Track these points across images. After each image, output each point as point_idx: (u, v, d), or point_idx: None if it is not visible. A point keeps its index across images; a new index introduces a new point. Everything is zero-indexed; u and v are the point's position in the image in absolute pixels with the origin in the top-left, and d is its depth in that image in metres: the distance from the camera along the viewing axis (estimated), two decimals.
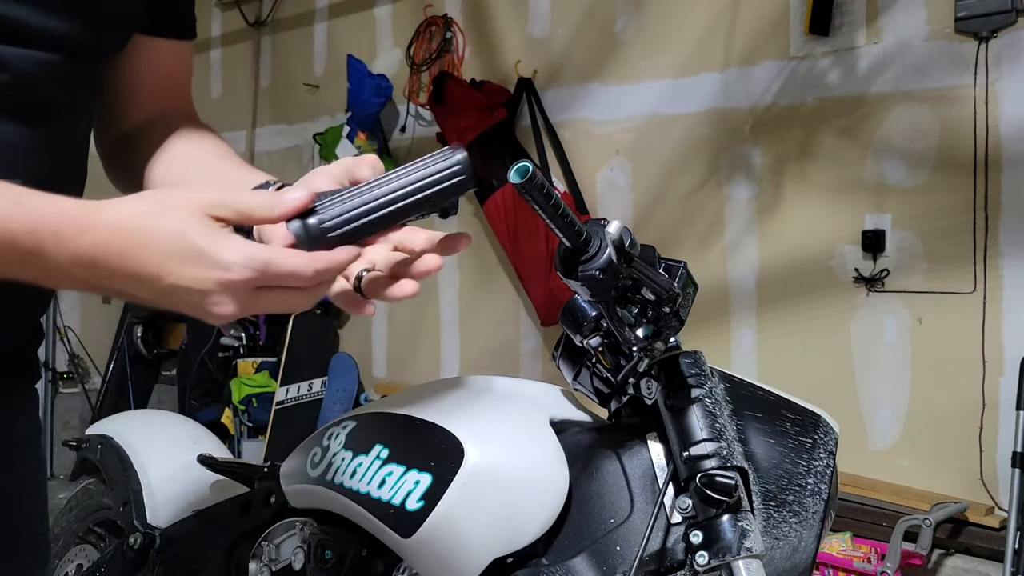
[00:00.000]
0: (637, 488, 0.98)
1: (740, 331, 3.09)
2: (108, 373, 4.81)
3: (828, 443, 1.04)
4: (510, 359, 3.71)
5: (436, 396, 1.11)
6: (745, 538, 0.90)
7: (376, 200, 0.70)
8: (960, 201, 2.62)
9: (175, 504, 1.57)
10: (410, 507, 0.99)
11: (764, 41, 3.03)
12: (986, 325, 2.58)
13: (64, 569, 1.76)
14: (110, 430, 1.77)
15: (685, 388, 0.96)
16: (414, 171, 0.71)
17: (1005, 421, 2.55)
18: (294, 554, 1.22)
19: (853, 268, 2.83)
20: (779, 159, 3.01)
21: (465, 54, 3.88)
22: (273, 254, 0.65)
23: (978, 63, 2.58)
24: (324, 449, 1.16)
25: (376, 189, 0.71)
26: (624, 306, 0.92)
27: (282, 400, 4.16)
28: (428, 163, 0.72)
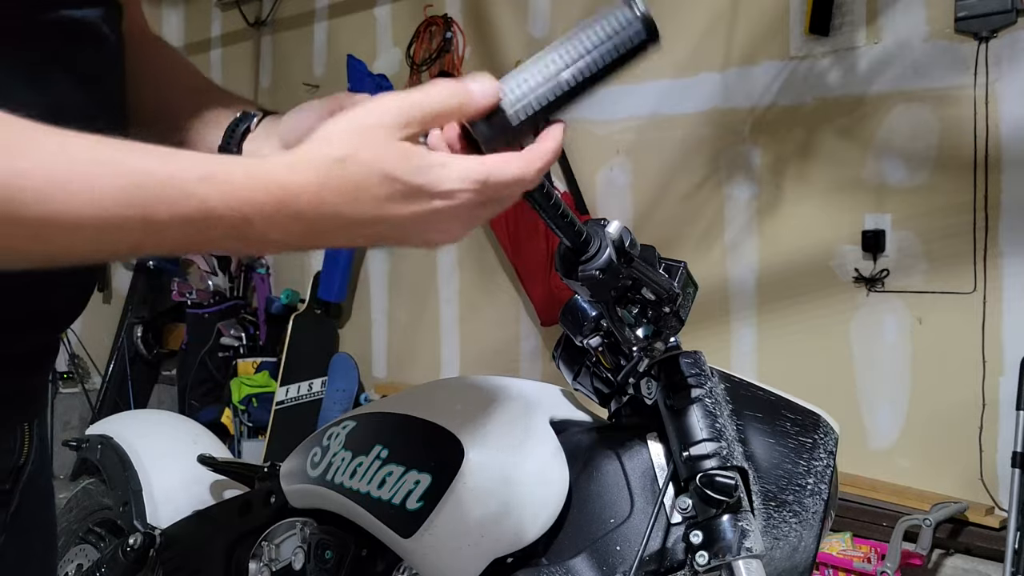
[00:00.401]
0: (637, 488, 0.98)
1: (740, 331, 3.09)
2: (108, 373, 4.82)
3: (828, 443, 1.04)
4: (510, 359, 3.71)
5: (436, 396, 1.11)
6: (745, 538, 0.90)
7: (558, 74, 0.65)
8: (960, 201, 2.62)
9: (175, 504, 1.57)
10: (410, 507, 0.99)
11: (764, 41, 3.03)
12: (986, 325, 2.58)
13: (64, 569, 1.76)
14: (110, 430, 1.77)
15: (685, 388, 0.96)
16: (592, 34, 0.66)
17: (1005, 421, 2.55)
18: (294, 554, 1.22)
19: (853, 268, 2.83)
20: (779, 159, 3.01)
21: (465, 54, 3.88)
22: (489, 168, 0.61)
23: (978, 63, 2.58)
24: (324, 449, 1.16)
25: (551, 62, 0.65)
26: (624, 306, 0.92)
27: (282, 400, 4.16)
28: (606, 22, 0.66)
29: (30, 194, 0.48)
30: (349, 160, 0.58)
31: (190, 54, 5.29)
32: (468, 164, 0.61)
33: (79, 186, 0.50)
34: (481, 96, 0.63)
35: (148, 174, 0.53)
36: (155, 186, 0.53)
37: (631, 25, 0.68)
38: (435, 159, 0.60)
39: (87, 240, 0.52)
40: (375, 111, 0.60)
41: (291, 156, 0.59)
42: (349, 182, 0.58)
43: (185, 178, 0.54)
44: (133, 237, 0.53)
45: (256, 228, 0.57)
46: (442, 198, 0.60)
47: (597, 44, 0.66)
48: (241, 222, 0.56)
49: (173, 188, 0.53)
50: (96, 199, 0.51)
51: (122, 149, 0.53)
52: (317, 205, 0.58)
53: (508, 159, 0.62)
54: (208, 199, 0.54)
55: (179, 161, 0.55)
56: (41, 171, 0.49)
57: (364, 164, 0.58)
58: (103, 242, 0.53)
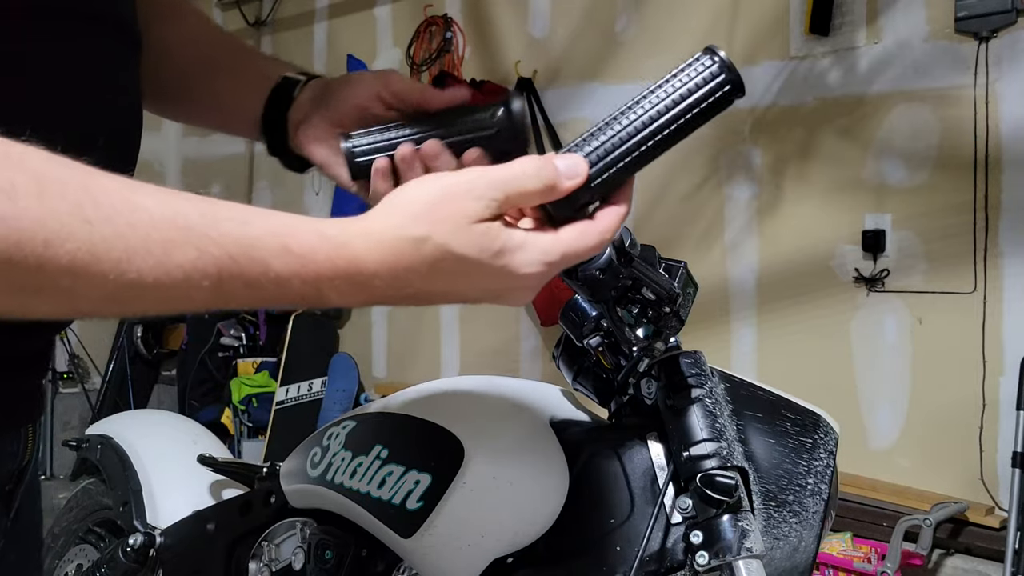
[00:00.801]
0: (637, 488, 0.98)
1: (740, 331, 3.09)
2: (108, 373, 4.81)
3: (828, 443, 1.04)
4: (510, 359, 3.71)
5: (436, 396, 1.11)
6: (745, 538, 0.90)
7: (637, 140, 0.64)
8: (960, 201, 2.62)
9: (175, 504, 1.57)
10: (410, 507, 0.99)
11: (764, 41, 3.03)
12: (986, 325, 2.58)
13: (64, 569, 1.76)
14: (110, 430, 1.77)
15: (685, 388, 0.96)
16: (670, 88, 0.65)
17: (1005, 421, 2.55)
18: (294, 554, 1.22)
19: (853, 268, 2.83)
20: (779, 159, 3.01)
21: (465, 54, 3.88)
22: (565, 245, 0.62)
23: (978, 63, 2.58)
24: (324, 449, 1.16)
25: (628, 117, 0.64)
26: (624, 306, 0.92)
27: (282, 400, 4.16)
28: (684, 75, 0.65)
29: (108, 265, 0.48)
30: (427, 242, 0.58)
31: None
32: (545, 244, 0.61)
33: (157, 259, 0.50)
34: (569, 179, 0.63)
35: (225, 245, 0.52)
36: (232, 258, 0.52)
37: (714, 77, 0.66)
38: (514, 241, 0.60)
39: (157, 302, 0.52)
40: (458, 190, 0.59)
41: (367, 227, 0.58)
42: (425, 263, 0.58)
43: (263, 249, 0.53)
44: (202, 299, 0.53)
45: (324, 297, 0.57)
46: (519, 280, 0.61)
47: (678, 101, 0.64)
48: (312, 293, 0.56)
49: (250, 261, 0.53)
50: (172, 270, 0.50)
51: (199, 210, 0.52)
52: (390, 282, 0.58)
53: (584, 233, 0.63)
54: (283, 273, 0.54)
55: (256, 230, 0.54)
56: (120, 241, 0.48)
57: (442, 248, 0.58)
58: (173, 303, 0.52)
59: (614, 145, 0.64)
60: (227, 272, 0.52)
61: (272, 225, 0.55)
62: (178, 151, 5.36)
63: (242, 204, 0.55)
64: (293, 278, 0.55)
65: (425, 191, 0.60)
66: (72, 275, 0.47)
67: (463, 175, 0.60)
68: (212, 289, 0.52)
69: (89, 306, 0.50)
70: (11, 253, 0.45)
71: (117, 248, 0.48)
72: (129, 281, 0.49)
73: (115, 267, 0.48)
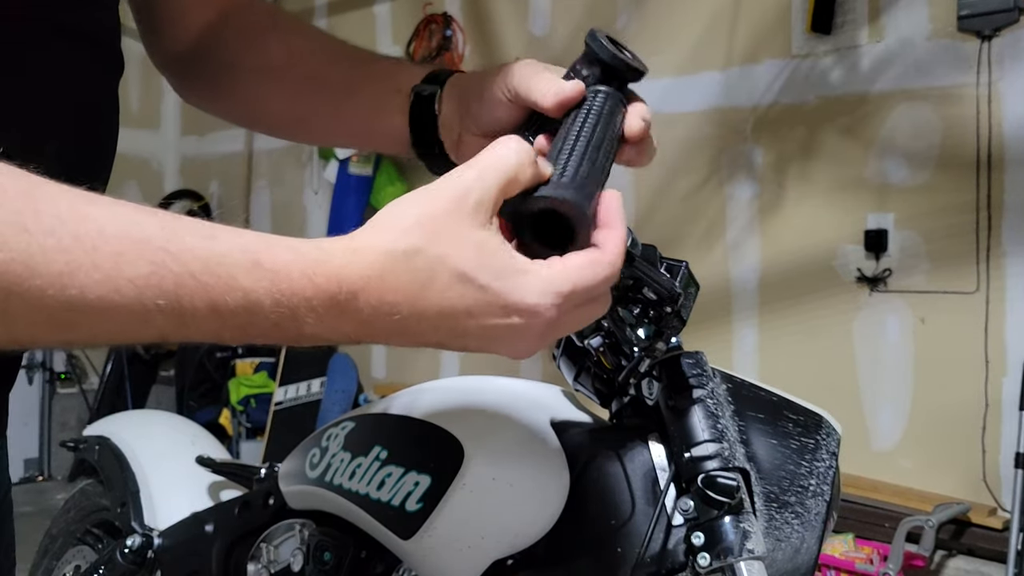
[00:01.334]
0: (638, 489, 0.97)
1: (742, 331, 3.08)
2: (106, 374, 4.81)
3: (830, 444, 1.03)
4: (510, 359, 3.70)
5: (436, 397, 1.10)
6: (747, 539, 0.89)
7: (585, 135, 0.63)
8: (963, 200, 2.62)
9: (173, 505, 1.56)
10: (409, 508, 0.98)
11: (766, 39, 3.02)
12: (989, 325, 2.58)
13: (62, 570, 1.75)
14: (108, 431, 1.76)
15: (687, 389, 0.95)
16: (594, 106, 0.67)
17: (1008, 421, 2.54)
18: (293, 556, 1.21)
19: (855, 268, 2.82)
20: (781, 158, 3.00)
21: (465, 52, 3.87)
22: (572, 275, 0.54)
23: (981, 62, 2.57)
24: (323, 450, 1.15)
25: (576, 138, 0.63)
26: (625, 306, 0.91)
27: (281, 401, 4.16)
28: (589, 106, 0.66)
29: (46, 279, 0.42)
30: (419, 255, 0.51)
31: None
32: (551, 272, 0.54)
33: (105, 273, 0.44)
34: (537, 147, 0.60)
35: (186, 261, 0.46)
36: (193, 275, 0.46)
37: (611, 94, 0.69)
38: (517, 264, 0.53)
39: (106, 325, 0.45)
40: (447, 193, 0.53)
41: (350, 243, 0.52)
42: (415, 281, 0.51)
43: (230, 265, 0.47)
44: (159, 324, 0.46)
45: (301, 325, 0.50)
46: (522, 315, 0.54)
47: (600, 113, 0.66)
48: (287, 318, 0.49)
49: (214, 278, 0.47)
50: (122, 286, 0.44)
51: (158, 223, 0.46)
52: (375, 305, 0.51)
53: (595, 262, 0.55)
54: (253, 291, 0.47)
55: (222, 245, 0.48)
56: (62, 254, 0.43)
57: (435, 259, 0.51)
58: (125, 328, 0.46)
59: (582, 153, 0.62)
60: (186, 290, 0.46)
61: (242, 241, 0.48)
62: (176, 150, 5.35)
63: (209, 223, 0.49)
64: (264, 297, 0.48)
65: (414, 202, 0.53)
66: (5, 291, 0.42)
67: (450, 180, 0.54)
68: (170, 311, 0.46)
69: (27, 330, 0.44)
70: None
71: (58, 261, 0.42)
72: (71, 299, 0.43)
73: (55, 281, 0.42)
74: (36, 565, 1.83)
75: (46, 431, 4.72)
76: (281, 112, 0.84)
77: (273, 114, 0.85)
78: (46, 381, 4.71)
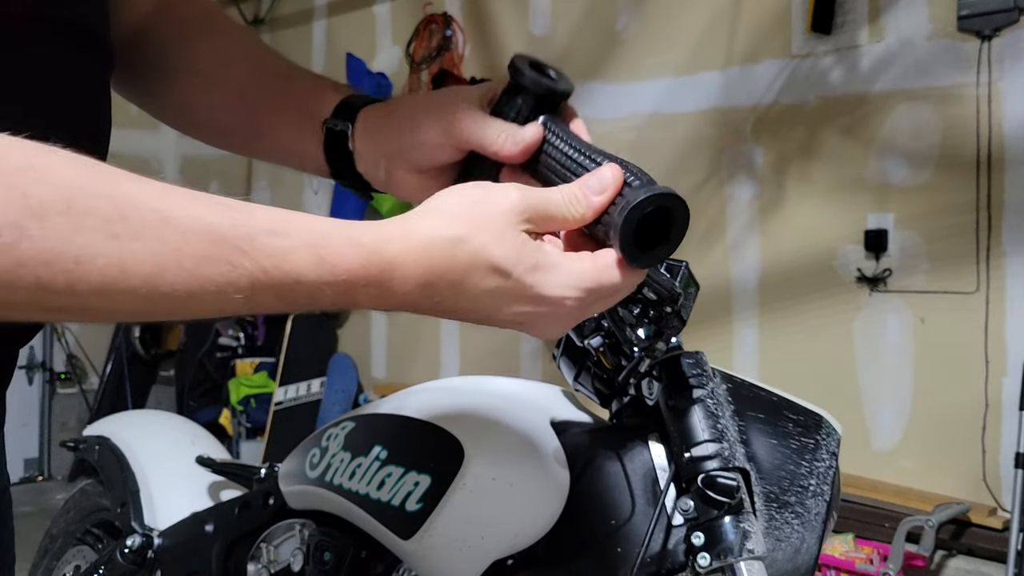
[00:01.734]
0: (638, 489, 0.97)
1: (742, 331, 3.08)
2: (106, 374, 4.81)
3: (830, 444, 1.03)
4: (510, 359, 3.70)
5: (436, 397, 1.10)
6: (747, 539, 0.89)
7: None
8: (963, 200, 2.62)
9: (173, 505, 1.56)
10: (409, 508, 0.98)
11: (766, 39, 3.02)
12: (989, 325, 2.57)
13: (62, 570, 1.75)
14: (108, 431, 1.76)
15: (687, 389, 0.95)
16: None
17: (1008, 421, 2.54)
18: (293, 556, 1.21)
19: (855, 268, 2.82)
20: (781, 158, 3.00)
21: (465, 52, 3.87)
22: (600, 274, 0.61)
23: (980, 62, 2.57)
24: (323, 450, 1.15)
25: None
26: (625, 306, 0.91)
27: (281, 401, 4.16)
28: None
29: (137, 280, 0.47)
30: (464, 244, 0.57)
31: None
32: (581, 268, 0.60)
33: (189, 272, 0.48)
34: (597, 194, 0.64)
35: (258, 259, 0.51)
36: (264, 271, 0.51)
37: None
38: (549, 259, 0.59)
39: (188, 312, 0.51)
40: (501, 199, 0.59)
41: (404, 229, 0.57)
42: (459, 266, 0.57)
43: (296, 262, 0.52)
44: (233, 308, 0.52)
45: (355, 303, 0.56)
46: (549, 304, 0.59)
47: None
48: (344, 300, 0.55)
49: (282, 274, 0.52)
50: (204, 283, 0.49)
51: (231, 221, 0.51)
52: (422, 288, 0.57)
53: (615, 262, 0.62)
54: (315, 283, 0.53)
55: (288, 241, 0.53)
56: (151, 257, 0.47)
57: (478, 252, 0.57)
58: (203, 314, 0.52)
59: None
60: (260, 284, 0.51)
61: (305, 234, 0.53)
62: (176, 149, 5.35)
63: (274, 209, 0.54)
64: (325, 288, 0.54)
65: (467, 195, 0.59)
66: (101, 293, 0.46)
67: (503, 188, 0.60)
68: (244, 300, 0.51)
69: (120, 316, 0.49)
70: (40, 274, 0.44)
71: (147, 264, 0.47)
72: (161, 295, 0.48)
73: (145, 282, 0.47)
74: (36, 565, 1.83)
75: (46, 431, 4.72)
76: (206, 121, 0.84)
77: (198, 122, 0.85)
78: (46, 381, 4.71)
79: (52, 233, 0.44)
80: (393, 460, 1.03)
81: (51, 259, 0.44)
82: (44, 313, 0.47)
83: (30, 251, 0.43)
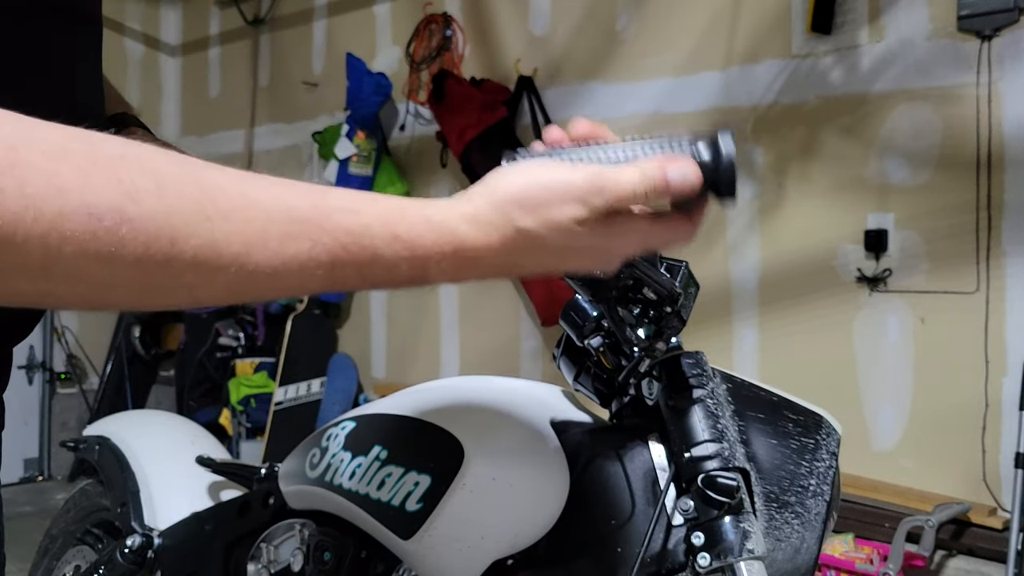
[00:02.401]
0: (638, 489, 0.97)
1: (742, 331, 3.08)
2: (106, 374, 4.81)
3: (830, 444, 1.03)
4: (510, 359, 3.70)
5: (436, 397, 1.10)
6: (747, 539, 0.89)
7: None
8: (963, 200, 2.61)
9: (173, 505, 1.56)
10: (409, 508, 0.98)
11: (766, 39, 3.02)
12: (989, 325, 2.57)
13: (62, 570, 1.75)
14: (108, 431, 1.76)
15: (687, 389, 0.95)
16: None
17: (1008, 421, 2.54)
18: (293, 555, 1.21)
19: (855, 268, 2.82)
20: (781, 158, 3.00)
21: (465, 52, 3.87)
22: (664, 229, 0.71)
23: (981, 62, 2.57)
24: (323, 450, 1.15)
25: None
26: (625, 306, 0.91)
27: (281, 401, 4.15)
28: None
29: (228, 259, 0.50)
30: (529, 233, 0.61)
31: (188, 53, 5.29)
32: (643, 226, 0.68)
33: (274, 251, 0.52)
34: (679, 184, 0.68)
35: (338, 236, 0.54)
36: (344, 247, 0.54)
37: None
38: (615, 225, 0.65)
39: (273, 290, 0.54)
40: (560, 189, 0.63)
41: (472, 213, 0.61)
42: (531, 247, 0.62)
43: (373, 238, 0.56)
44: (315, 285, 0.55)
45: (430, 277, 0.60)
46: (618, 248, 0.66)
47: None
48: (419, 275, 0.59)
49: (361, 249, 0.55)
50: (288, 261, 0.52)
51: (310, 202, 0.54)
52: (494, 259, 0.61)
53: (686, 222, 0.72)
54: (392, 259, 0.57)
55: (365, 218, 0.56)
56: (239, 236, 0.50)
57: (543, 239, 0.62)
58: (287, 291, 0.55)
59: None
60: (339, 260, 0.54)
61: (380, 212, 0.57)
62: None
63: (348, 190, 0.58)
64: (401, 263, 0.57)
65: (527, 182, 0.63)
66: (195, 271, 0.49)
67: (567, 173, 0.63)
68: (325, 276, 0.54)
69: (209, 296, 0.52)
70: (139, 254, 0.46)
71: (236, 243, 0.50)
72: (248, 273, 0.51)
73: (235, 260, 0.50)
74: (36, 565, 1.83)
75: (46, 431, 4.72)
76: None
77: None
78: (46, 381, 4.71)
79: (149, 215, 0.46)
80: (393, 460, 1.03)
81: (149, 240, 0.46)
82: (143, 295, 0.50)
83: (131, 233, 0.46)
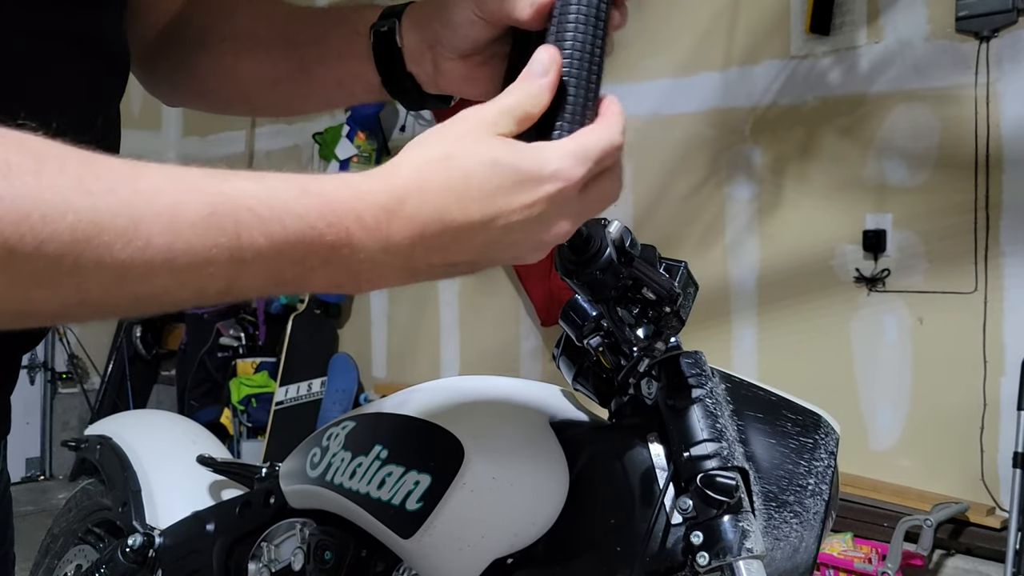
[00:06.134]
0: (637, 489, 0.98)
1: (741, 331, 3.09)
2: (107, 373, 4.81)
3: (829, 443, 1.04)
4: (510, 359, 3.71)
5: (436, 396, 1.10)
6: (746, 538, 0.89)
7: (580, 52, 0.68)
8: (961, 201, 2.62)
9: (174, 504, 1.56)
10: (410, 507, 0.98)
11: (764, 40, 3.03)
12: (987, 325, 2.58)
13: (63, 570, 1.75)
14: (109, 430, 1.77)
15: (686, 388, 0.96)
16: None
17: (1006, 421, 2.55)
18: (293, 555, 1.22)
19: (854, 268, 2.82)
20: (780, 159, 3.00)
21: None
22: (581, 139, 0.60)
23: (979, 63, 2.58)
24: (323, 449, 1.16)
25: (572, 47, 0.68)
26: (624, 306, 0.92)
27: (281, 400, 4.16)
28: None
29: (112, 235, 0.45)
30: (451, 156, 0.56)
31: None
32: (563, 143, 0.59)
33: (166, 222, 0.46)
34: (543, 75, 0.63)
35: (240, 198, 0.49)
36: (249, 209, 0.49)
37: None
38: (535, 146, 0.58)
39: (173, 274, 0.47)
40: (469, 117, 0.59)
41: (388, 166, 0.56)
42: (454, 178, 0.55)
43: (282, 196, 0.51)
44: (222, 263, 0.48)
45: (358, 249, 0.53)
46: (551, 180, 0.57)
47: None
48: (343, 242, 0.52)
49: (269, 209, 0.50)
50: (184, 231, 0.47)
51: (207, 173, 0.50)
52: (420, 207, 0.54)
53: (593, 128, 0.62)
54: (306, 215, 0.51)
55: (270, 181, 0.52)
56: (125, 209, 0.45)
57: (467, 155, 0.56)
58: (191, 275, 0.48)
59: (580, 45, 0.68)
60: (245, 226, 0.49)
61: (288, 177, 0.53)
62: (177, 151, 5.35)
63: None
64: (317, 220, 0.51)
65: (440, 129, 0.59)
66: (75, 253, 0.44)
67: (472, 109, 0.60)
68: (230, 250, 0.48)
69: (99, 291, 0.46)
70: (8, 234, 0.42)
71: (121, 215, 0.45)
72: (137, 250, 0.45)
73: (121, 235, 0.45)
74: (37, 564, 1.83)
75: (47, 430, 4.72)
76: (251, 78, 0.83)
77: (243, 82, 0.83)
78: (48, 381, 4.71)
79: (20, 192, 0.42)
80: (393, 459, 1.03)
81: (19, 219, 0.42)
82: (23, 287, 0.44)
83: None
